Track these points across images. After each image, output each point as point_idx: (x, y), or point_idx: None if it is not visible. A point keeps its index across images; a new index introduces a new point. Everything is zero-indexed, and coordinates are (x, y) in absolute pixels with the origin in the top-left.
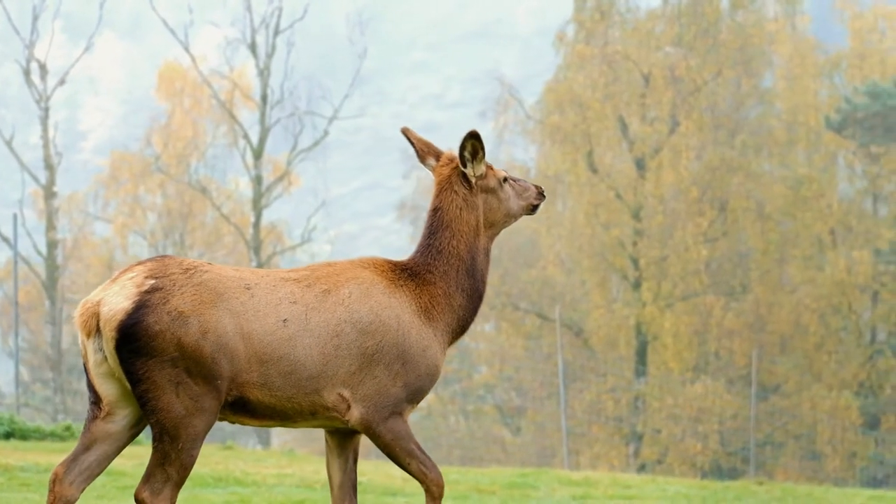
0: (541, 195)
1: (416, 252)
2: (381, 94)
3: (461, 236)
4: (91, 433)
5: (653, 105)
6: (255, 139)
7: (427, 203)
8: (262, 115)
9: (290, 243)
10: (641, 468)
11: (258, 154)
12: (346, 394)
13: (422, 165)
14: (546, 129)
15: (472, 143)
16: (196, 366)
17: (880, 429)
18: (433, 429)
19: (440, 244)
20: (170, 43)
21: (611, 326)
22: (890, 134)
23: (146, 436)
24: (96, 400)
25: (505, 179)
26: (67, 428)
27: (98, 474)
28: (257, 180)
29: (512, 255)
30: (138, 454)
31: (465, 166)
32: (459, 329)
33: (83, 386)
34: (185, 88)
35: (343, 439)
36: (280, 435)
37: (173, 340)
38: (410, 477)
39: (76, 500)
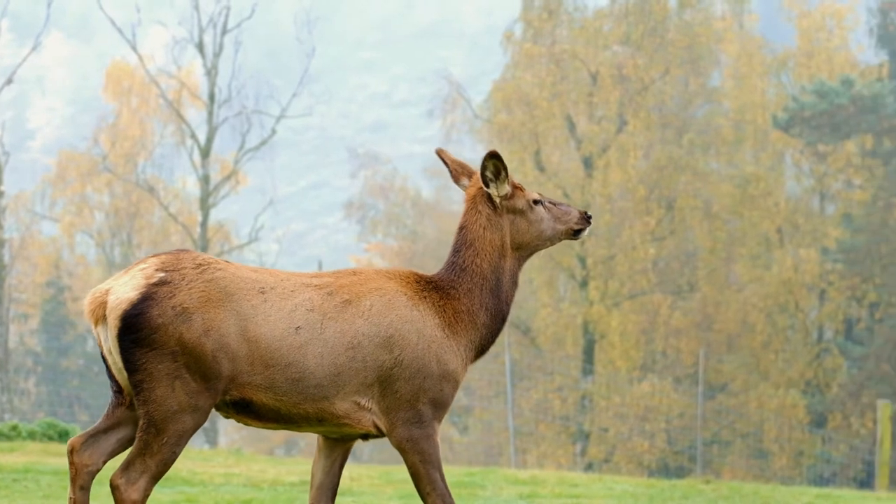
0: (585, 220)
1: (443, 268)
2: (328, 93)
3: (484, 255)
4: (114, 417)
5: (600, 104)
6: (202, 138)
7: (374, 201)
8: (210, 114)
9: (238, 242)
10: (588, 467)
11: (206, 153)
12: (365, 403)
13: (454, 185)
14: (493, 128)
15: (494, 163)
16: (196, 363)
17: (827, 427)
18: None
19: (464, 262)
20: (117, 42)
21: (558, 325)
22: (837, 133)
23: None
24: (118, 388)
25: (537, 202)
26: (14, 427)
27: (119, 452)
28: (205, 179)
29: None
30: None
31: (487, 186)
32: (480, 348)
33: (30, 385)
34: (133, 88)
35: (334, 442)
36: (228, 434)
37: (175, 335)
38: (359, 476)
39: (99, 469)
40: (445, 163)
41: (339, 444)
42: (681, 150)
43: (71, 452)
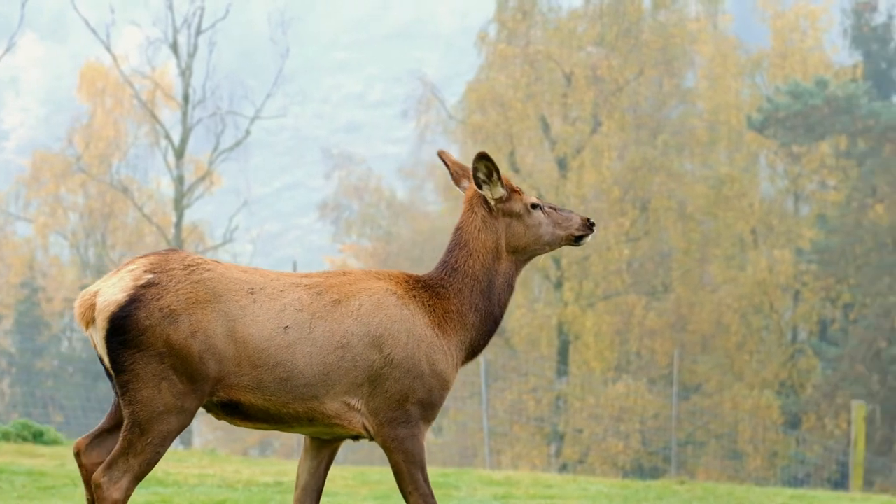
0: (587, 226)
1: (435, 268)
2: (303, 94)
3: (477, 256)
4: (118, 416)
5: (575, 105)
6: (176, 139)
7: (348, 202)
8: (184, 114)
9: (212, 243)
10: (563, 468)
11: (180, 154)
12: (355, 403)
13: (456, 187)
14: (468, 129)
15: (484, 164)
16: (183, 364)
17: (801, 428)
18: None
19: (456, 262)
20: (91, 43)
21: (532, 326)
22: (811, 133)
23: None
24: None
25: (535, 206)
26: None
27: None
28: (179, 180)
29: (435, 254)
30: (60, 454)
31: (480, 188)
32: (471, 350)
33: (4, 386)
34: (107, 88)
35: (320, 444)
36: (202, 434)
37: (162, 336)
38: (332, 477)
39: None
40: (447, 164)
41: (326, 446)
42: (655, 150)
43: (78, 454)
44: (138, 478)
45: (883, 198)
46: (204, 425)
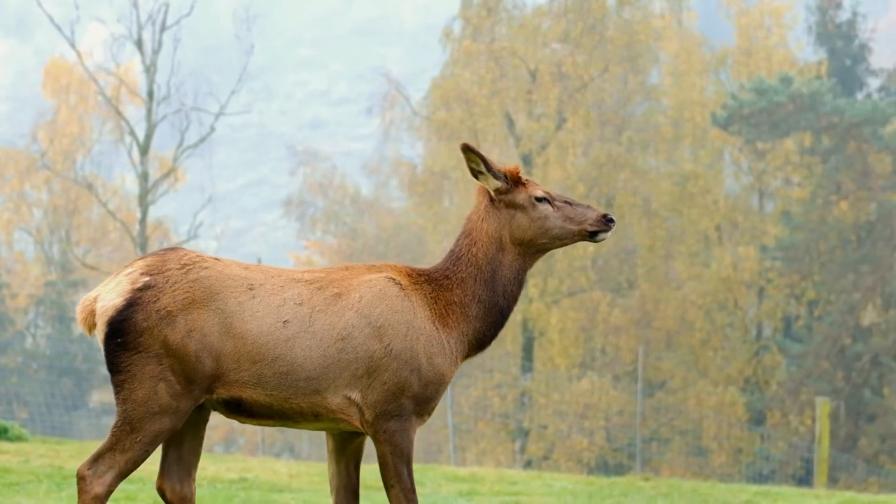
0: (604, 222)
1: (441, 259)
2: (267, 91)
3: (480, 245)
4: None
5: (539, 101)
6: (141, 135)
7: (313, 199)
8: (149, 111)
9: (177, 239)
10: (528, 464)
11: (144, 150)
12: (355, 396)
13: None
14: (432, 126)
15: (467, 155)
16: (181, 364)
17: (766, 424)
18: None
19: (459, 250)
20: (56, 39)
21: None
22: (776, 130)
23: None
24: None
25: (540, 199)
26: None
27: (197, 462)
28: (143, 176)
29: (399, 251)
30: (25, 451)
31: (476, 179)
32: (476, 342)
33: None
34: (72, 85)
35: (342, 443)
36: None
37: (160, 338)
38: (298, 473)
39: (193, 493)
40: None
41: (347, 446)
42: (620, 147)
43: (163, 496)
44: (123, 475)
45: (847, 194)
46: None
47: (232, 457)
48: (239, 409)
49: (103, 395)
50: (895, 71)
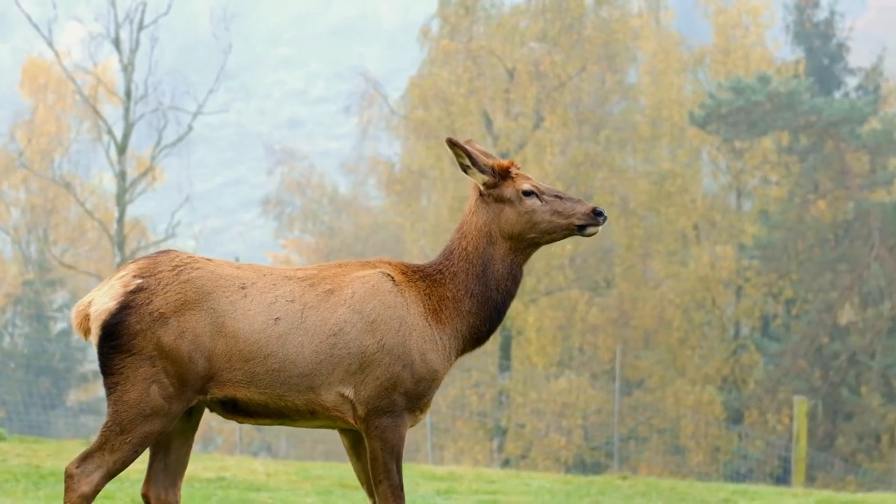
0: (592, 216)
1: (436, 256)
2: (245, 90)
3: (470, 238)
4: (158, 439)
5: (517, 100)
6: (119, 134)
7: (290, 198)
8: (126, 110)
9: (155, 239)
10: (505, 463)
11: (122, 149)
12: (349, 393)
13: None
14: (410, 125)
15: (452, 150)
16: (174, 366)
17: (743, 423)
18: None
19: (452, 244)
20: (33, 38)
21: None
22: (754, 129)
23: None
24: None
25: (528, 192)
26: None
27: (184, 471)
28: (121, 176)
29: (377, 250)
30: (2, 450)
31: (465, 172)
32: (472, 337)
33: None
34: (49, 84)
35: (355, 440)
36: None
37: (153, 340)
38: (276, 472)
39: (177, 501)
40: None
41: (362, 443)
42: (597, 146)
43: (148, 501)
44: (110, 475)
45: (825, 193)
46: None
47: (209, 456)
48: (235, 409)
49: (81, 395)
50: (873, 70)
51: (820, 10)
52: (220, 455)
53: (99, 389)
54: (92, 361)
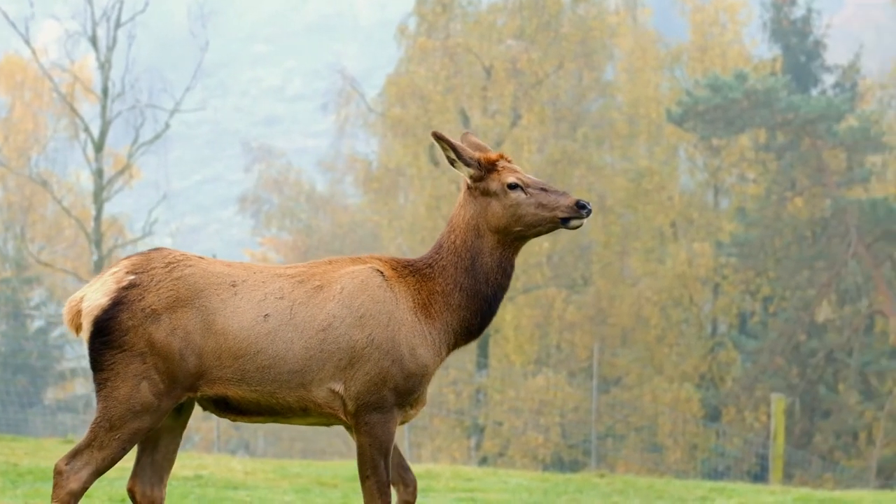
0: (576, 209)
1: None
2: (222, 87)
3: (458, 231)
4: (147, 435)
5: (494, 98)
6: (96, 132)
7: (268, 195)
8: (104, 108)
9: (132, 236)
10: (483, 461)
11: (99, 147)
12: (339, 389)
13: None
14: (387, 122)
15: (440, 144)
16: (165, 363)
17: (721, 421)
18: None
19: (442, 239)
20: (10, 36)
21: None
22: (731, 127)
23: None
24: None
25: (513, 186)
26: None
27: (170, 468)
28: (98, 173)
29: (354, 247)
30: None
31: (453, 166)
32: (464, 331)
33: None
34: (26, 81)
35: None
36: None
37: (144, 336)
38: (253, 470)
39: (163, 499)
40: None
41: None
42: (575, 144)
43: (133, 499)
44: (99, 472)
45: (802, 191)
46: None
47: (187, 454)
48: (227, 407)
49: (58, 393)
50: (850, 67)
51: (797, 8)
52: (198, 453)
53: (76, 387)
54: (69, 360)
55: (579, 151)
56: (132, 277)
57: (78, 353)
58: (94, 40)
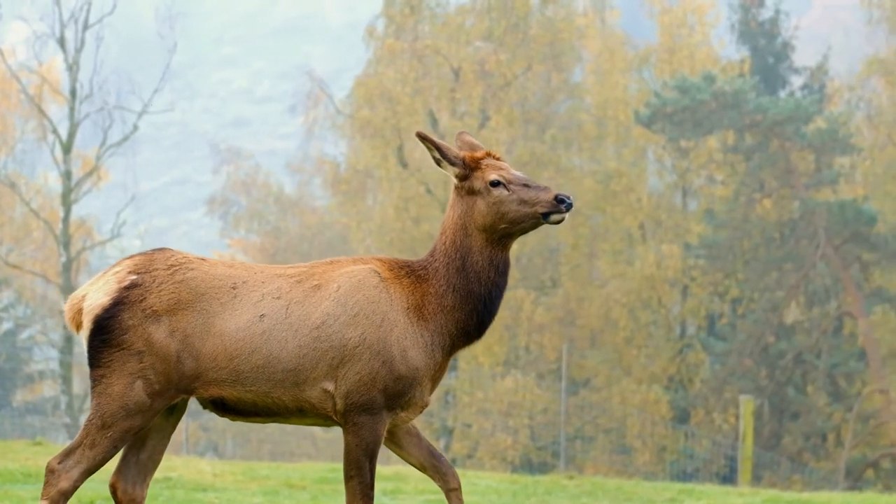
0: (555, 203)
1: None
2: (190, 89)
3: (449, 233)
4: (135, 445)
5: (463, 100)
6: (64, 134)
7: (236, 197)
8: (72, 109)
9: (100, 238)
10: (452, 462)
11: (67, 149)
12: (331, 388)
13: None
14: (356, 124)
15: (424, 144)
16: (162, 363)
17: (690, 423)
18: (243, 423)
19: (436, 243)
20: None
21: None
22: (699, 128)
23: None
24: None
25: (496, 183)
26: None
27: (155, 469)
28: (66, 175)
29: (322, 249)
30: None
31: (439, 166)
32: (461, 333)
33: None
34: None
35: (389, 434)
36: None
37: (143, 336)
38: (222, 473)
39: (143, 498)
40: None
41: (395, 431)
42: (543, 145)
43: (114, 493)
44: (90, 471)
45: (770, 192)
46: None
47: None
48: (226, 408)
49: (27, 395)
50: (818, 69)
51: (765, 10)
52: (167, 455)
53: (45, 390)
54: (38, 362)
55: (548, 153)
56: (134, 277)
57: (46, 356)
58: (62, 42)
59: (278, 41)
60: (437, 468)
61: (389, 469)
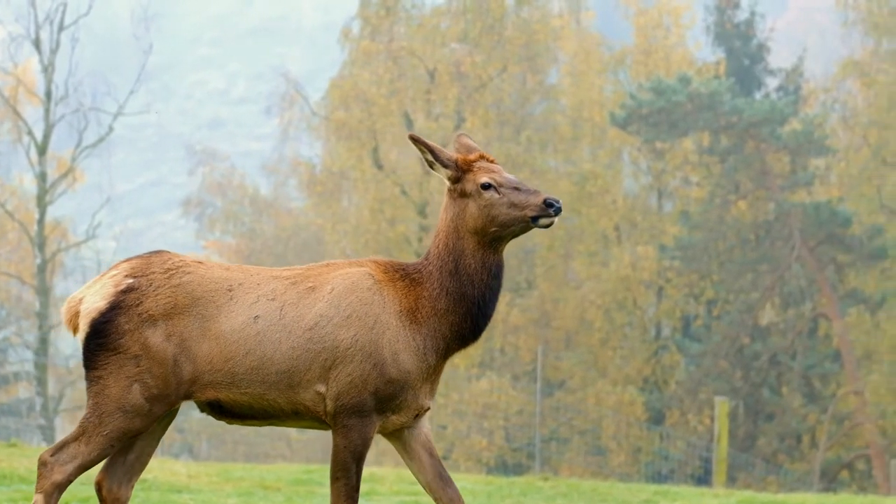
0: (544, 207)
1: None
2: (166, 90)
3: (442, 236)
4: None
5: (438, 101)
6: (39, 135)
7: (211, 199)
8: (47, 111)
9: (76, 240)
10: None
11: (42, 150)
12: (323, 390)
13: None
14: (331, 125)
15: (417, 146)
16: (159, 368)
17: (665, 424)
18: (218, 425)
19: (431, 246)
20: None
21: None
22: (674, 130)
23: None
24: None
25: (487, 186)
26: None
27: (141, 470)
28: (42, 177)
29: (298, 251)
30: None
31: (431, 168)
32: (456, 336)
33: None
34: None
35: (403, 440)
36: (65, 432)
37: (140, 340)
38: (197, 474)
39: (128, 498)
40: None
41: (410, 440)
42: (519, 147)
43: (99, 491)
44: (84, 466)
45: (745, 194)
46: (67, 423)
47: None
48: (222, 411)
49: (1, 396)
50: (793, 71)
51: (740, 11)
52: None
53: (20, 391)
54: (13, 363)
55: (523, 155)
56: (130, 281)
57: (21, 357)
58: (37, 43)
59: (254, 43)
60: (444, 491)
61: (364, 471)
